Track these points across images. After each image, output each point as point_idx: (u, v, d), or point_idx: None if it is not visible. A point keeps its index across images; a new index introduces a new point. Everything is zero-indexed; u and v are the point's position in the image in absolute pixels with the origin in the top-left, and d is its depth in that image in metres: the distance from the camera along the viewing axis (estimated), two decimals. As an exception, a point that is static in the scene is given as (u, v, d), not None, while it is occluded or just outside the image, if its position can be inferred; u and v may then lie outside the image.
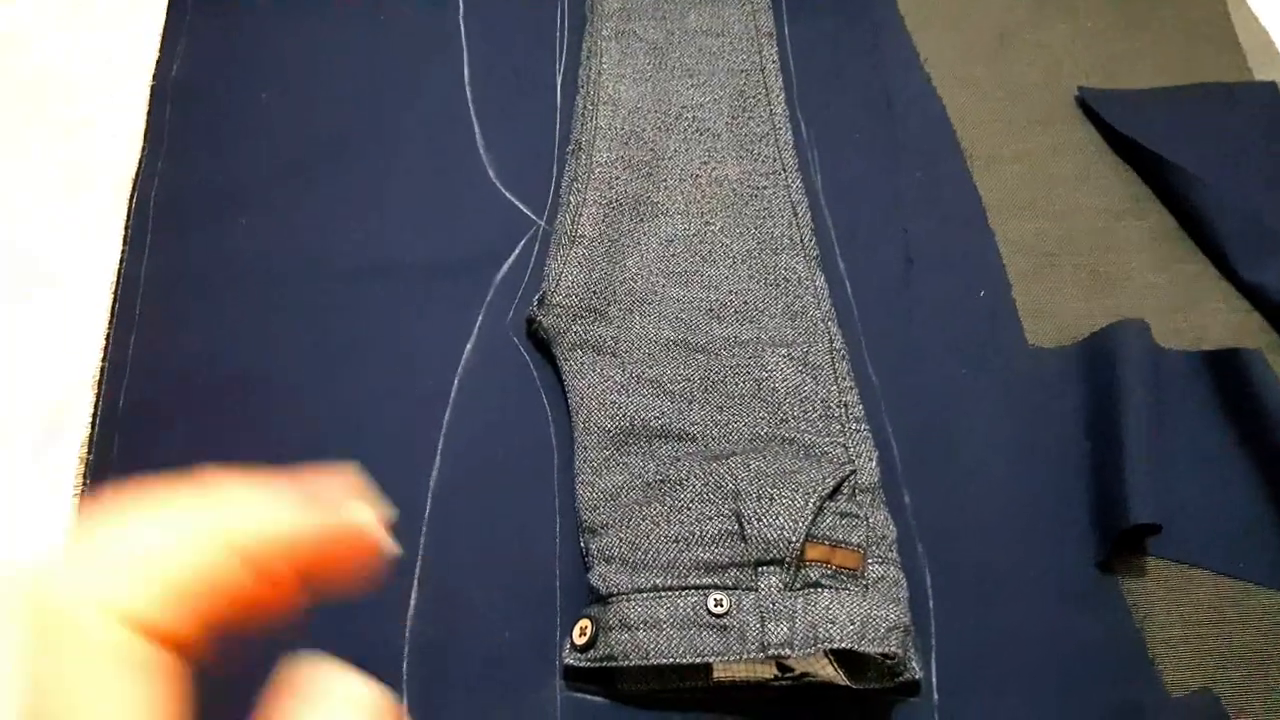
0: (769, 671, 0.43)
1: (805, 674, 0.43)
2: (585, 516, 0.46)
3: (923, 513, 0.49)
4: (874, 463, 0.48)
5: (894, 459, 0.51)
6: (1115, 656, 0.46)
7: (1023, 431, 0.52)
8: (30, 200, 0.57)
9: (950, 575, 0.48)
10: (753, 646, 0.40)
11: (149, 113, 0.60)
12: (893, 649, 0.40)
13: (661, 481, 0.46)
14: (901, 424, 0.52)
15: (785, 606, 0.41)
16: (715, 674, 0.43)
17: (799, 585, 0.42)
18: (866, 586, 0.43)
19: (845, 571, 0.43)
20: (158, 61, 0.62)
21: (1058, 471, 0.51)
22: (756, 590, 0.42)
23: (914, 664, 0.43)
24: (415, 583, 0.46)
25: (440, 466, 0.49)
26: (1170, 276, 0.59)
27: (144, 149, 0.58)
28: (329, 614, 0.45)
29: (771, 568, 0.42)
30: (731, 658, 0.40)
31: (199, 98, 0.61)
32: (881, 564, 0.44)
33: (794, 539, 0.42)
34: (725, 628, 0.41)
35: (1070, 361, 0.55)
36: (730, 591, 0.42)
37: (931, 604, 0.47)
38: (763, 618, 0.41)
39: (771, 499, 0.43)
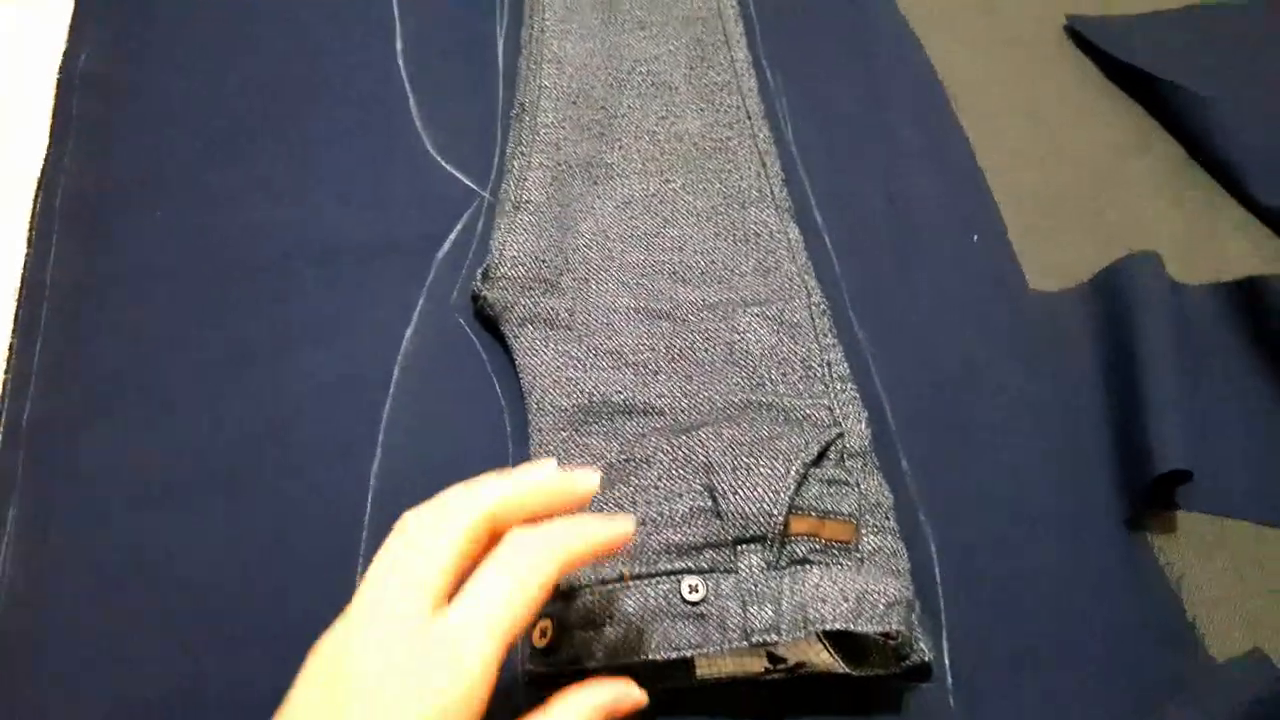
0: (758, 664, 0.38)
1: (800, 664, 0.38)
2: None
3: (923, 478, 0.45)
4: (864, 424, 0.43)
5: (887, 421, 0.46)
6: (1150, 623, 0.41)
7: (1030, 383, 0.48)
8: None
9: (958, 545, 0.43)
10: (734, 635, 0.35)
11: (55, 105, 0.55)
12: (894, 626, 0.35)
13: (626, 461, 0.41)
14: (894, 384, 0.47)
15: (769, 588, 0.36)
16: (698, 671, 0.38)
17: (784, 563, 0.37)
18: (861, 560, 0.38)
19: (836, 545, 0.38)
20: (65, 51, 0.58)
21: (1072, 424, 0.46)
22: (736, 572, 0.37)
23: (922, 645, 0.38)
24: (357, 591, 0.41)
25: (380, 461, 0.44)
26: (1183, 209, 0.55)
27: (49, 144, 0.54)
28: (266, 636, 0.41)
29: (752, 546, 0.37)
30: (712, 650, 0.36)
31: (109, 86, 0.57)
32: (877, 534, 0.39)
33: (775, 512, 0.37)
34: (703, 616, 0.36)
35: (1078, 305, 0.51)
36: (706, 575, 0.37)
37: (939, 578, 0.42)
38: (744, 602, 0.36)
39: (748, 469, 0.38)
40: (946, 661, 0.40)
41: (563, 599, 0.38)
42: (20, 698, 0.39)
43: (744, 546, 0.37)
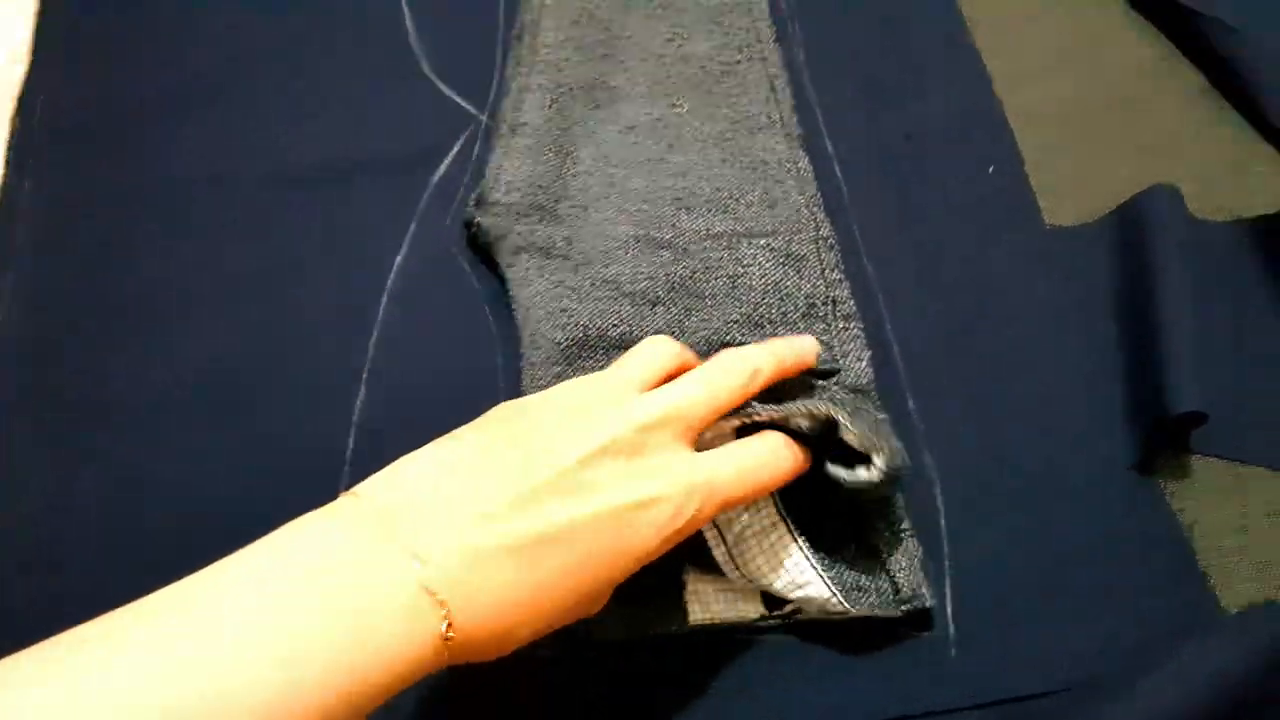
0: (754, 609, 0.38)
1: (796, 611, 0.37)
2: None
3: (931, 418, 0.43)
4: (864, 362, 0.41)
5: (895, 362, 0.45)
6: (1160, 572, 0.40)
7: (1043, 322, 0.46)
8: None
9: (964, 488, 0.42)
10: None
11: (39, 16, 0.53)
12: (879, 443, 0.34)
13: None
14: (903, 322, 0.46)
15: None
16: (690, 616, 0.38)
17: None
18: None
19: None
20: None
21: (1085, 364, 0.45)
22: None
23: (924, 591, 0.37)
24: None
25: (365, 398, 0.43)
26: (1204, 140, 0.53)
27: (31, 59, 0.51)
28: None
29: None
30: None
31: (101, 5, 0.54)
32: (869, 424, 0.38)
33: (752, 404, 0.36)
34: None
35: (1094, 240, 0.48)
36: None
37: (943, 522, 0.41)
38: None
39: None
40: (949, 609, 0.39)
41: None
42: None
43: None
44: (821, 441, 0.35)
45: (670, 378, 0.35)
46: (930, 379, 0.44)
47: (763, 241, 0.44)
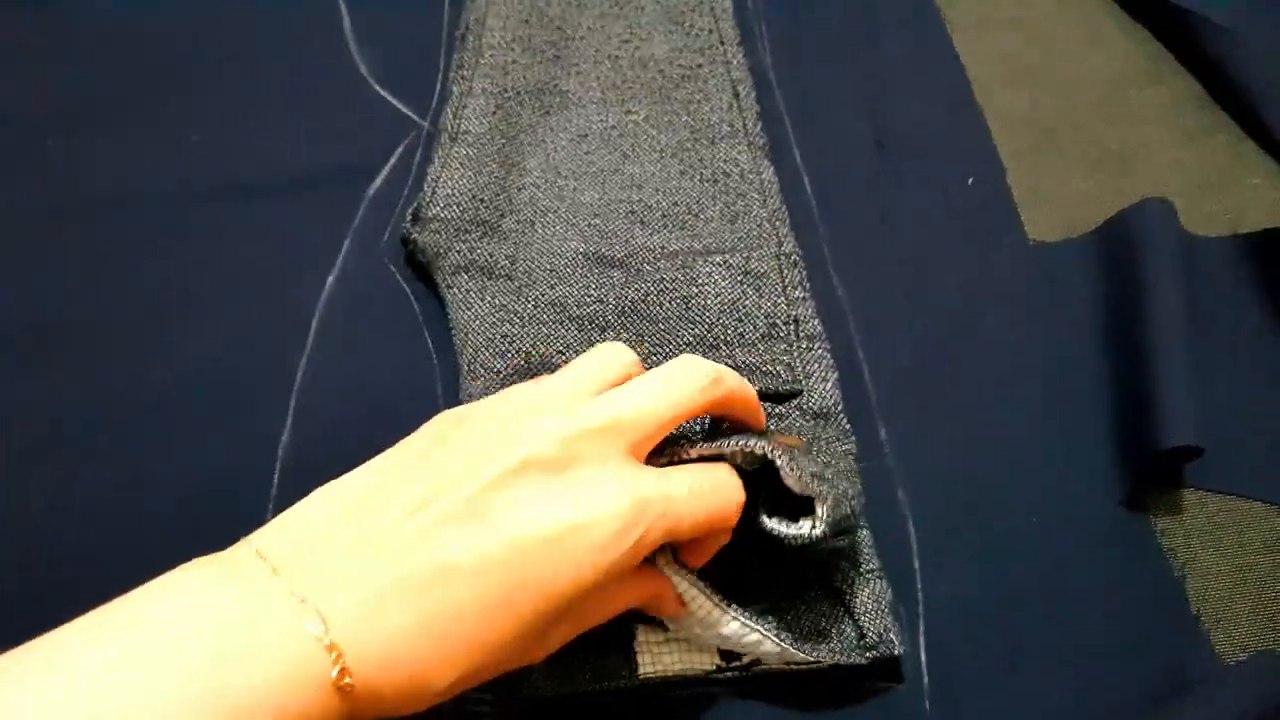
0: (709, 660, 0.34)
1: (755, 662, 0.34)
2: None
3: (905, 452, 0.41)
4: (830, 384, 0.38)
5: (866, 388, 0.42)
6: (1151, 616, 0.37)
7: (1026, 345, 0.44)
8: None
9: (940, 527, 0.39)
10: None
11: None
12: (820, 490, 0.30)
13: None
14: (876, 346, 0.43)
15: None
16: (640, 669, 0.34)
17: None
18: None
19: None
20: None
21: (1071, 392, 0.42)
22: None
23: (893, 636, 0.34)
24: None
25: (292, 429, 0.40)
26: (1197, 150, 0.51)
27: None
28: None
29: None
30: None
31: (10, 12, 0.51)
32: (828, 457, 0.35)
33: (698, 425, 0.34)
34: None
35: (1081, 257, 0.46)
36: None
37: (916, 562, 0.38)
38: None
39: None
40: (923, 659, 0.36)
41: None
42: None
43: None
44: (765, 482, 0.32)
45: None
46: (904, 406, 0.42)
47: (719, 259, 0.41)
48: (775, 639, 0.32)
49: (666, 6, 0.50)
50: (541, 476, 0.27)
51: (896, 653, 0.34)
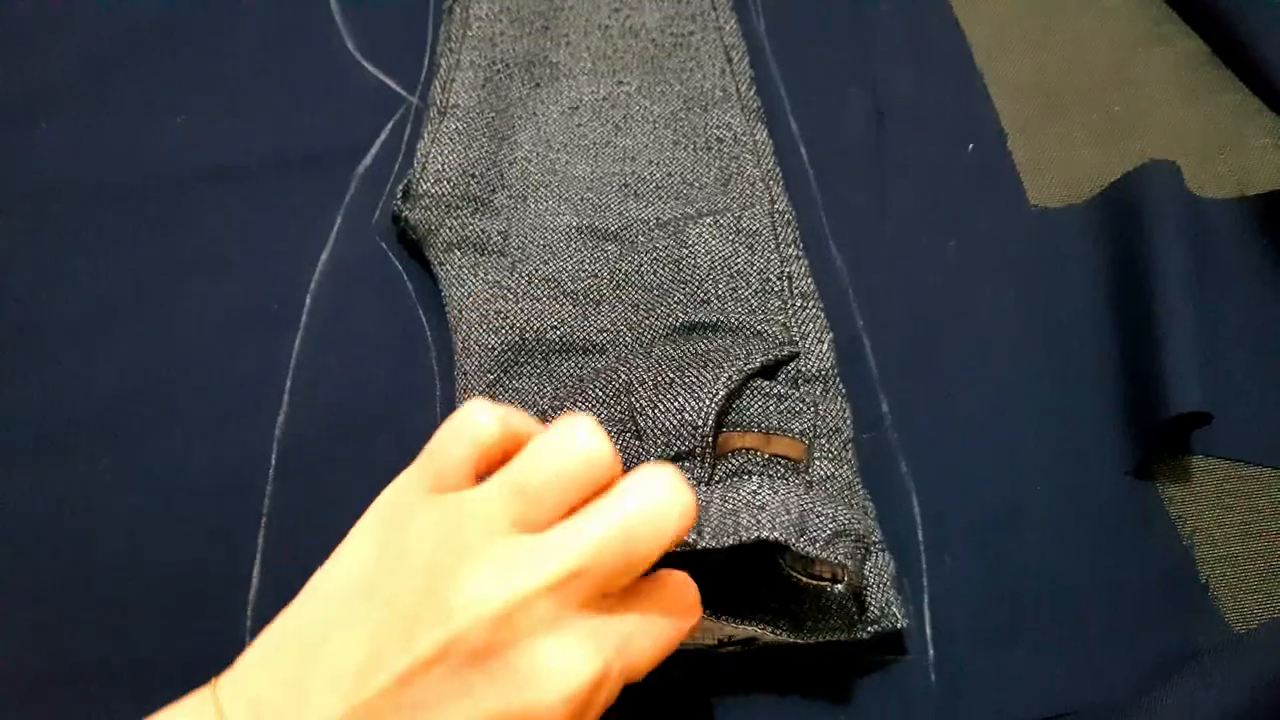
0: (710, 638, 0.34)
1: (752, 639, 0.34)
2: None
3: (906, 423, 0.40)
4: (826, 345, 0.38)
5: (866, 358, 0.41)
6: (1158, 586, 0.37)
7: (1029, 313, 0.43)
8: None
9: (943, 498, 0.38)
10: None
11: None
12: (839, 557, 0.30)
13: (559, 409, 0.36)
14: (876, 314, 0.43)
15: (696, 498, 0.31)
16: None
17: (717, 478, 0.32)
18: (810, 484, 0.33)
19: (783, 461, 0.33)
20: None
21: (1075, 359, 0.41)
22: None
23: (895, 609, 0.34)
24: (257, 561, 0.36)
25: (288, 410, 0.40)
26: (1203, 111, 0.49)
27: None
28: (153, 607, 0.36)
29: (680, 464, 0.32)
30: None
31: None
32: (832, 461, 0.34)
33: (700, 422, 0.32)
34: None
35: (1084, 222, 0.45)
36: None
37: (921, 536, 0.38)
38: None
39: (670, 383, 0.34)
40: (928, 631, 0.36)
41: None
42: None
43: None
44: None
45: (505, 458, 0.27)
46: (905, 378, 0.41)
47: (710, 220, 0.41)
48: (774, 632, 0.32)
49: (657, -28, 0.49)
50: (463, 668, 0.23)
51: (899, 626, 0.34)
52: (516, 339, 0.38)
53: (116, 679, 0.35)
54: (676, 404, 0.32)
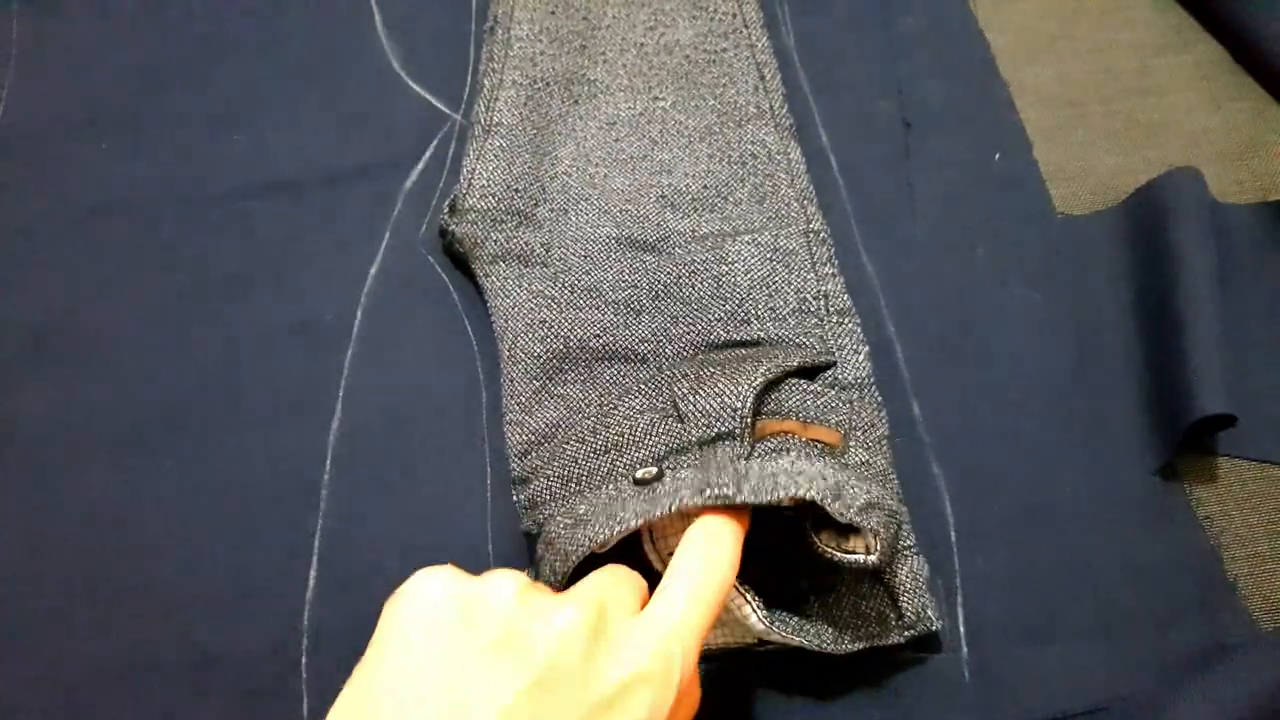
0: (750, 637, 0.35)
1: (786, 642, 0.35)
2: (515, 466, 0.38)
3: (937, 425, 0.41)
4: (862, 356, 0.39)
5: (898, 364, 0.42)
6: (1186, 584, 0.37)
7: (1057, 318, 0.43)
8: None
9: (975, 500, 0.39)
10: (686, 493, 0.31)
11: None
12: (871, 524, 0.31)
13: (604, 415, 0.37)
14: (906, 321, 0.43)
15: (735, 467, 0.32)
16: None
17: (756, 455, 0.33)
18: (845, 466, 0.34)
19: (820, 445, 0.34)
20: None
21: (1102, 363, 0.42)
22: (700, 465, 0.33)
23: (930, 612, 0.35)
24: (314, 559, 0.38)
25: (341, 417, 0.41)
26: (1225, 118, 0.50)
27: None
28: (214, 603, 0.38)
29: (720, 444, 0.33)
30: (660, 512, 0.31)
31: (50, 10, 0.52)
32: (867, 450, 0.35)
33: (739, 405, 0.33)
34: (655, 493, 0.32)
35: (1109, 229, 0.46)
36: (663, 461, 0.33)
37: (954, 536, 0.38)
38: (705, 478, 0.32)
39: (712, 375, 0.35)
40: (961, 629, 0.37)
41: (532, 548, 0.35)
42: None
43: (710, 446, 0.33)
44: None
45: None
46: (936, 382, 0.42)
47: (748, 238, 0.42)
48: (816, 644, 0.33)
49: (689, -9, 0.50)
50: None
51: (934, 628, 0.35)
52: (561, 347, 0.39)
53: (179, 675, 0.36)
54: (717, 388, 0.34)
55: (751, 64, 0.48)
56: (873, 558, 0.31)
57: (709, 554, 0.30)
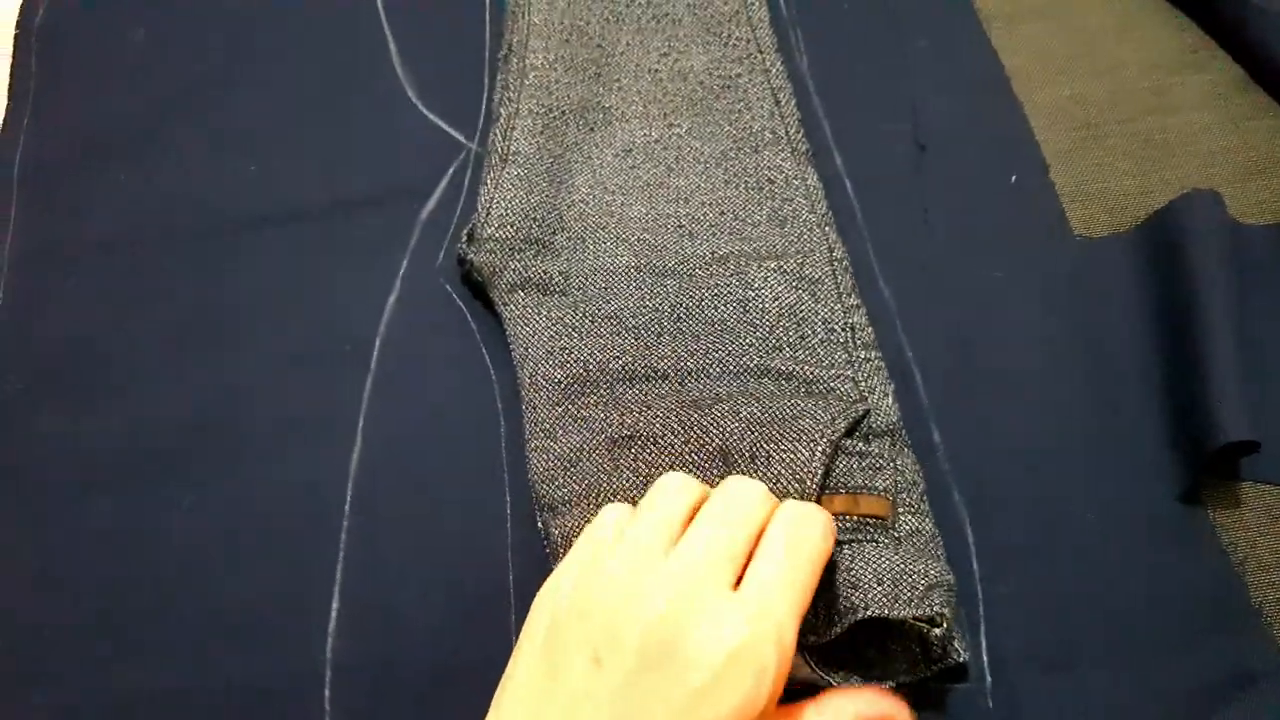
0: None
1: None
2: (542, 491, 0.38)
3: (958, 454, 0.41)
4: (890, 398, 0.38)
5: (917, 391, 0.42)
6: (1210, 611, 0.37)
7: (1076, 343, 0.43)
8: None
9: (997, 528, 0.39)
10: None
11: (13, 64, 0.51)
12: (935, 609, 0.32)
13: (630, 439, 0.37)
14: (924, 347, 0.43)
15: None
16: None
17: None
18: (899, 540, 0.34)
19: (871, 522, 0.34)
20: (22, 5, 0.53)
21: (1122, 389, 0.42)
22: None
23: (957, 645, 0.34)
24: (336, 590, 0.38)
25: (362, 446, 0.41)
26: (1243, 137, 0.49)
27: (9, 106, 0.50)
28: (236, 634, 0.38)
29: None
30: None
31: (67, 41, 0.53)
32: (914, 515, 0.36)
33: (809, 483, 0.33)
34: None
35: (1128, 251, 0.46)
36: None
37: (975, 566, 0.38)
38: None
39: (769, 456, 0.34)
40: (985, 658, 0.36)
41: None
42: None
43: None
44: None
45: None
46: (956, 409, 0.42)
47: (773, 264, 0.42)
48: (830, 679, 0.33)
49: (703, 18, 0.50)
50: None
51: (961, 660, 0.35)
52: (581, 371, 0.40)
53: (201, 708, 0.36)
54: (780, 486, 0.33)
55: (766, 89, 0.48)
56: (937, 631, 0.32)
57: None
